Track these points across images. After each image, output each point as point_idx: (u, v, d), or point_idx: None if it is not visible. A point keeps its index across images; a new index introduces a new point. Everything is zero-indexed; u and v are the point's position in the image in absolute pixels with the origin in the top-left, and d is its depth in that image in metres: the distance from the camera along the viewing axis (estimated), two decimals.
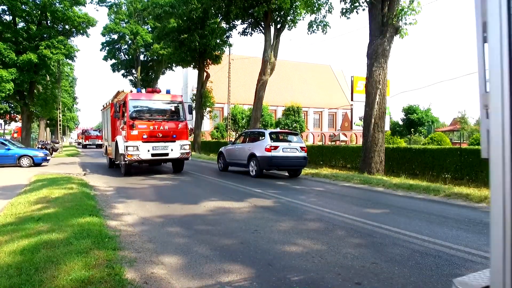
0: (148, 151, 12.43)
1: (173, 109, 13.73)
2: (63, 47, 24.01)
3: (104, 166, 17.63)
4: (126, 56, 43.61)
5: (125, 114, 12.59)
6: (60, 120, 31.45)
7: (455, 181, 11.88)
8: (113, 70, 43.86)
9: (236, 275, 3.69)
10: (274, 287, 3.43)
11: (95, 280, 3.27)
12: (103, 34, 41.48)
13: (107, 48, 42.48)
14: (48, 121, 42.03)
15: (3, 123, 43.14)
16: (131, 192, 9.43)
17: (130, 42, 41.75)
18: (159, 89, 13.93)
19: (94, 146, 44.49)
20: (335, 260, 4.12)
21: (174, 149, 12.94)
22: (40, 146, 24.96)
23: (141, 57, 42.91)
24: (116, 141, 13.21)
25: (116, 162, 14.26)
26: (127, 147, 12.16)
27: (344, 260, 4.13)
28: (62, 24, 25.91)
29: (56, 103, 29.14)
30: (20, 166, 16.88)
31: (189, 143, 13.50)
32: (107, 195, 8.94)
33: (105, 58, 42.77)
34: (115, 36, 41.76)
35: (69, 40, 26.25)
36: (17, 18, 24.29)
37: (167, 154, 12.91)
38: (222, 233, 5.30)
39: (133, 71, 43.43)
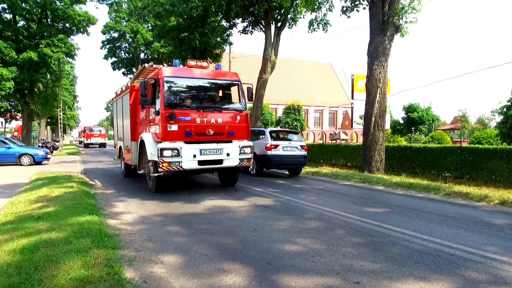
0: (194, 156, 8.27)
1: (227, 93, 9.81)
2: (63, 46, 23.99)
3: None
4: (126, 54, 43.65)
5: (158, 100, 8.45)
6: (60, 118, 31.47)
7: (456, 180, 11.88)
8: (114, 69, 43.92)
9: (235, 274, 3.70)
10: (273, 287, 3.43)
11: (94, 279, 3.28)
12: (104, 33, 41.52)
13: (107, 46, 42.53)
14: (48, 120, 42.09)
15: (3, 122, 43.17)
16: (130, 190, 9.44)
17: (130, 40, 41.79)
18: (207, 63, 9.74)
19: (97, 146, 41.21)
20: (335, 259, 4.13)
21: (231, 153, 8.74)
22: (40, 144, 24.96)
23: (142, 55, 42.95)
24: (142, 141, 9.27)
25: (139, 172, 10.06)
26: (162, 150, 7.96)
27: (343, 259, 4.13)
28: (62, 22, 25.88)
29: (57, 102, 29.15)
30: (21, 165, 16.89)
31: (251, 144, 9.25)
32: (107, 194, 8.95)
33: (106, 57, 42.82)
34: (116, 35, 41.81)
35: (69, 38, 26.24)
36: (17, 17, 24.27)
37: (220, 162, 8.67)
38: (221, 232, 5.30)
39: (134, 69, 43.42)
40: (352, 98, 20.22)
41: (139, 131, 10.17)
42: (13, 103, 35.04)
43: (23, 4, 23.24)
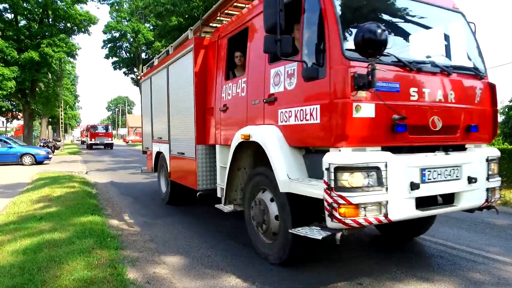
0: (412, 188, 3.11)
1: (445, 36, 4.13)
2: (64, 45, 24.04)
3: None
4: (127, 54, 43.65)
5: (316, 41, 3.25)
6: (61, 118, 31.51)
7: None
8: (115, 68, 43.92)
9: (238, 275, 3.70)
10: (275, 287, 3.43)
11: (97, 280, 3.28)
12: (105, 32, 41.57)
13: (108, 46, 42.56)
14: (49, 119, 42.10)
15: (5, 121, 43.23)
16: (132, 190, 9.44)
17: (131, 40, 41.80)
18: None
19: (102, 146, 36.90)
20: (337, 260, 4.13)
21: (479, 177, 3.65)
22: (42, 144, 25.00)
23: (143, 55, 42.90)
24: (248, 144, 4.23)
25: (225, 209, 4.76)
26: (339, 171, 2.90)
27: (345, 260, 4.13)
28: (63, 22, 25.94)
29: (58, 101, 29.19)
30: (22, 164, 16.92)
31: (499, 154, 4.28)
32: (109, 194, 8.96)
33: (107, 56, 42.85)
34: (117, 34, 41.83)
35: (70, 38, 26.29)
36: (18, 16, 24.30)
37: (452, 199, 3.55)
38: (224, 233, 5.30)
39: (135, 69, 43.43)
40: None
41: (212, 126, 5.40)
42: (14, 103, 35.07)
43: (25, 4, 23.27)
